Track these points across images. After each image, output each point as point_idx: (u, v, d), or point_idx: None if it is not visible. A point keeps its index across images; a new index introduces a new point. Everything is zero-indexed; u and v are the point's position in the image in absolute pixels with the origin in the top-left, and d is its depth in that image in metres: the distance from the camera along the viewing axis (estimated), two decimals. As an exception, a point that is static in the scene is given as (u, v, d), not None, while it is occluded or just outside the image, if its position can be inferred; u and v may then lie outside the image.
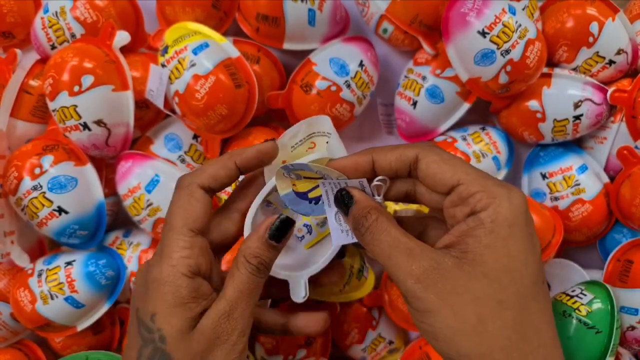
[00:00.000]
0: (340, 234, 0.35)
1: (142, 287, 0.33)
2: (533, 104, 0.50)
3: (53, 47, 0.50)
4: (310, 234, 0.42)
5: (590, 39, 0.50)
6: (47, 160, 0.48)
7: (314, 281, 0.40)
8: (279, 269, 0.40)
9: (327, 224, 0.41)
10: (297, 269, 0.40)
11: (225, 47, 0.48)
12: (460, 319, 0.28)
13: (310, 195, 0.36)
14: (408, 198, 0.35)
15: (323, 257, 0.40)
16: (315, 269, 0.40)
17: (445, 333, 0.28)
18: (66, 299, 0.48)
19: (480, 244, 0.29)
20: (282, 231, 0.34)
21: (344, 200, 0.34)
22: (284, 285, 0.38)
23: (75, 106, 0.46)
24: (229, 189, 0.49)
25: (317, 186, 0.36)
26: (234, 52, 0.48)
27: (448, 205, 0.32)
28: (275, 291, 0.40)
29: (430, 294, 0.29)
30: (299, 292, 0.40)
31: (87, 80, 0.46)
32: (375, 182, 0.34)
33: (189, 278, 0.32)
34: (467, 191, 0.30)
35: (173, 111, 0.49)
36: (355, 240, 0.35)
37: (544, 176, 0.53)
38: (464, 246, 0.29)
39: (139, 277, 0.35)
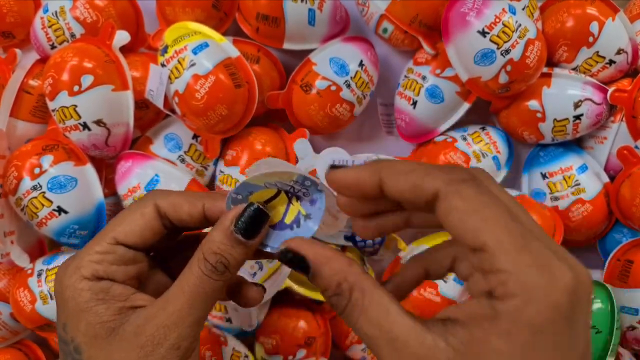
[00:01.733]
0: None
1: (55, 297, 0.29)
2: (533, 103, 0.50)
3: (53, 47, 0.50)
4: (261, 270, 0.43)
5: (590, 39, 0.50)
6: (47, 160, 0.48)
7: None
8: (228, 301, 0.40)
9: (275, 260, 0.39)
10: None
11: (225, 47, 0.48)
12: None
13: (287, 220, 0.29)
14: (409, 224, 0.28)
15: (274, 287, 0.40)
16: (268, 296, 0.41)
17: None
18: (66, 299, 0.48)
19: (489, 346, 0.21)
20: (252, 225, 0.27)
21: (293, 266, 0.26)
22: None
23: (75, 106, 0.46)
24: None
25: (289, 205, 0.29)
26: (234, 52, 0.48)
27: (470, 261, 0.24)
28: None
29: None
30: (247, 322, 0.41)
31: (87, 80, 0.46)
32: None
33: (91, 281, 0.28)
34: (490, 264, 0.21)
35: (173, 111, 0.48)
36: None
37: (544, 176, 0.53)
38: (466, 337, 0.22)
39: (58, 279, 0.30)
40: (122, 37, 0.48)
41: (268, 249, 0.29)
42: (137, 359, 0.26)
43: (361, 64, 0.49)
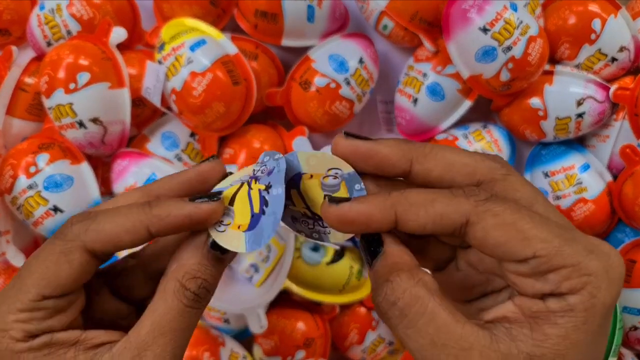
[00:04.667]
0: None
1: None
2: (535, 101, 0.50)
3: (49, 44, 0.49)
4: (258, 272, 0.43)
5: (592, 36, 0.49)
6: (43, 158, 0.48)
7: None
8: (233, 305, 0.40)
9: (270, 259, 0.40)
10: (251, 304, 0.40)
11: (223, 43, 0.47)
12: None
13: (255, 208, 0.25)
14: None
15: (274, 288, 0.41)
16: (269, 298, 0.41)
17: None
18: (62, 299, 0.48)
19: (567, 340, 0.21)
20: None
21: (369, 245, 0.24)
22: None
23: (71, 104, 0.46)
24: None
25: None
26: (232, 49, 0.47)
27: (511, 271, 0.23)
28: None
29: None
30: (257, 324, 0.41)
31: (83, 77, 0.46)
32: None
33: (26, 341, 0.24)
34: (547, 265, 0.21)
35: (170, 109, 0.48)
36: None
37: (545, 175, 0.53)
38: (539, 338, 0.21)
39: None
40: (118, 34, 0.48)
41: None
42: None
43: (361, 61, 0.49)
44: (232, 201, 0.25)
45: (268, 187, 0.24)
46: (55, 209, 0.47)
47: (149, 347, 0.23)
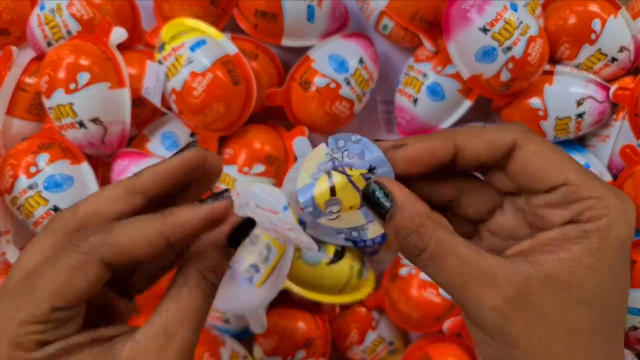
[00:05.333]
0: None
1: None
2: (535, 101, 0.50)
3: (49, 44, 0.49)
4: (258, 272, 0.43)
5: (593, 36, 0.49)
6: (43, 158, 0.48)
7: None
8: (234, 306, 0.41)
9: (270, 259, 0.41)
10: (252, 305, 0.40)
11: (223, 43, 0.47)
12: (550, 354, 0.24)
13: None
14: (444, 209, 0.28)
15: (275, 287, 0.41)
16: (270, 298, 0.42)
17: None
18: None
19: (581, 264, 0.23)
20: (243, 235, 0.28)
21: (376, 200, 0.25)
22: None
23: (72, 104, 0.46)
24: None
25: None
26: (232, 49, 0.47)
27: (540, 204, 0.25)
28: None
29: (516, 329, 0.23)
30: (258, 324, 0.41)
31: (84, 77, 0.46)
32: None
33: (40, 350, 0.24)
34: (575, 194, 0.24)
35: (170, 109, 0.48)
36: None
37: (545, 175, 0.53)
38: (555, 261, 0.24)
39: None
40: (119, 34, 0.48)
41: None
42: None
43: (361, 61, 0.49)
44: (333, 192, 0.26)
45: (372, 169, 0.26)
46: (56, 209, 0.47)
47: (177, 331, 0.25)
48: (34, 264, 0.25)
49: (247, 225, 0.27)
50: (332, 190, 0.26)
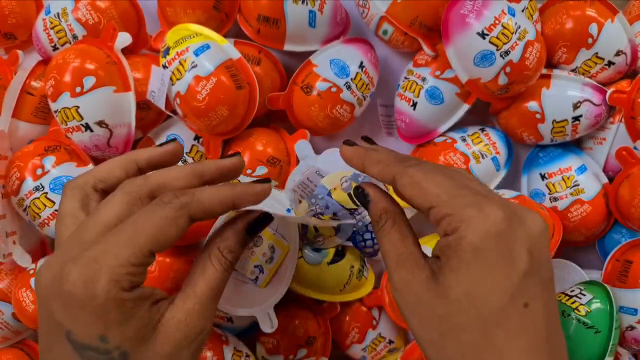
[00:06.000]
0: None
1: (71, 307, 0.27)
2: (532, 105, 0.50)
3: (55, 49, 0.50)
4: (262, 272, 0.44)
5: (590, 40, 0.50)
6: (49, 161, 0.48)
7: None
8: (241, 309, 0.43)
9: (274, 259, 0.44)
10: (259, 305, 0.42)
11: (227, 48, 0.48)
12: (425, 330, 0.30)
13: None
14: None
15: (281, 287, 0.43)
16: (277, 298, 0.43)
17: (416, 337, 0.31)
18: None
19: (447, 266, 0.29)
20: (260, 226, 0.34)
21: (361, 199, 0.36)
22: None
23: (77, 107, 0.46)
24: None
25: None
26: (235, 54, 0.48)
27: (429, 219, 0.32)
28: None
29: (403, 302, 0.31)
30: (268, 324, 0.43)
31: (89, 81, 0.46)
32: None
33: (131, 291, 0.28)
34: (438, 214, 0.30)
35: (174, 112, 0.49)
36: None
37: (543, 177, 0.53)
38: (438, 263, 0.31)
39: (50, 288, 0.28)
40: (123, 38, 0.49)
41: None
42: (181, 348, 0.30)
43: (361, 66, 0.50)
44: (316, 230, 0.43)
45: (335, 215, 0.44)
46: (62, 211, 0.47)
47: (203, 297, 0.31)
48: (117, 215, 0.30)
49: (265, 219, 0.34)
50: (315, 229, 0.43)
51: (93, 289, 0.27)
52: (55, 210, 0.47)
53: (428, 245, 0.52)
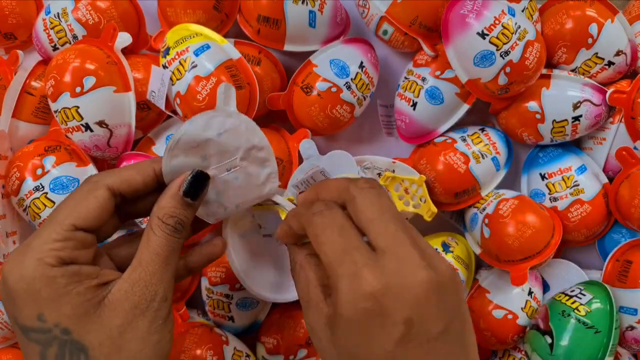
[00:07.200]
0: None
1: (9, 294, 0.30)
2: (532, 105, 0.50)
3: (55, 49, 0.50)
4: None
5: (590, 40, 0.50)
6: (49, 161, 0.48)
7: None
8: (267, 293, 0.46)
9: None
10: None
11: (227, 48, 0.48)
12: None
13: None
14: None
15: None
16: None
17: None
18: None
19: (335, 321, 0.30)
20: (197, 187, 0.34)
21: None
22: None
23: (77, 107, 0.46)
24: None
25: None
26: (235, 54, 0.48)
27: None
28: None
29: (313, 339, 0.33)
30: (286, 203, 0.41)
31: (89, 81, 0.46)
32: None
33: (60, 267, 0.29)
34: (327, 269, 0.31)
35: (175, 112, 0.49)
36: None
37: (543, 177, 0.53)
38: (328, 310, 0.32)
39: (1, 287, 0.31)
40: (124, 38, 0.49)
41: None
42: (133, 317, 0.30)
43: (361, 66, 0.50)
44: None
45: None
46: (62, 211, 0.47)
47: (149, 264, 0.31)
48: (59, 203, 0.32)
49: (198, 177, 0.34)
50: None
51: (22, 270, 0.29)
52: (55, 210, 0.48)
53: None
